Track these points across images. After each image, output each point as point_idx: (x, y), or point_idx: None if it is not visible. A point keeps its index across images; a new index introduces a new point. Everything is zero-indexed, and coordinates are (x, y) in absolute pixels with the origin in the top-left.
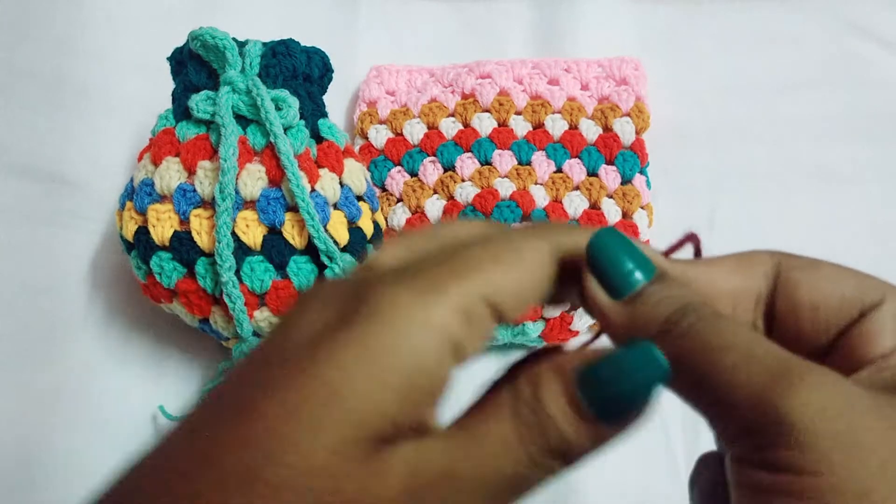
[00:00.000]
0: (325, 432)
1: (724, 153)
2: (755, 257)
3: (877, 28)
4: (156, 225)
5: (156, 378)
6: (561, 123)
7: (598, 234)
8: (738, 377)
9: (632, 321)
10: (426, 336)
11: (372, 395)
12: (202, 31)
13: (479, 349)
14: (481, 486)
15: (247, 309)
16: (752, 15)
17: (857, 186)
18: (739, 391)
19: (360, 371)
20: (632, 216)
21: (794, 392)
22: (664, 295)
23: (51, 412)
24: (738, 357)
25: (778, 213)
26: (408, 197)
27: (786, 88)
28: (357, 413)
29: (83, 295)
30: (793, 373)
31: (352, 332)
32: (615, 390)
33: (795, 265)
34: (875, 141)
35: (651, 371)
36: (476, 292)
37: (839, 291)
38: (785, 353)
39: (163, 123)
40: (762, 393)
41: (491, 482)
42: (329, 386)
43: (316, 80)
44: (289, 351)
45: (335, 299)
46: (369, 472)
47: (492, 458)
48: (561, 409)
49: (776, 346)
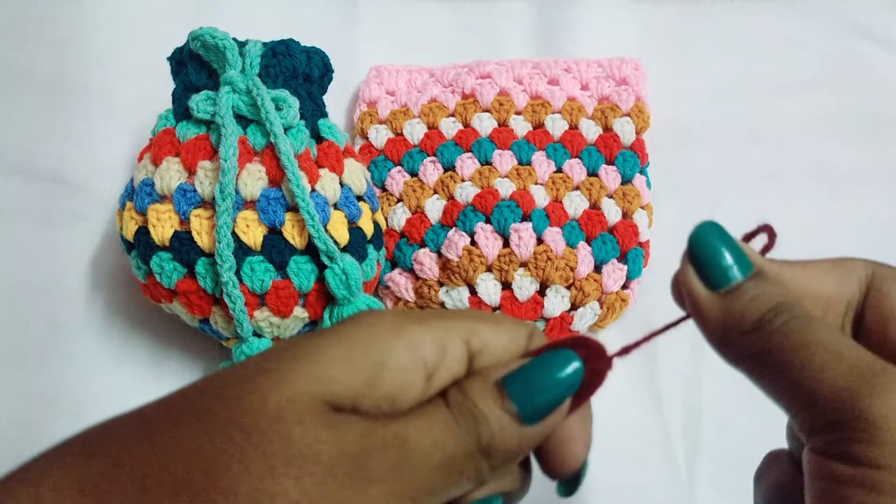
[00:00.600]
0: (287, 385)
1: (724, 153)
2: (850, 264)
3: (877, 28)
4: (156, 225)
5: (156, 378)
6: (561, 123)
7: (701, 226)
8: (826, 375)
9: (727, 314)
10: (399, 345)
11: (339, 366)
12: (202, 31)
13: (449, 378)
14: (426, 458)
15: (247, 309)
16: (752, 15)
17: (857, 186)
18: (826, 387)
19: (336, 348)
20: (632, 216)
21: (878, 393)
22: (760, 291)
23: (51, 412)
24: (827, 356)
25: (778, 213)
26: (408, 197)
27: (786, 88)
28: (320, 374)
29: (83, 295)
30: (878, 376)
31: (335, 329)
32: (534, 388)
33: (889, 276)
34: (875, 141)
35: (569, 376)
36: (455, 331)
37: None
38: (872, 357)
39: (163, 123)
40: (848, 391)
41: (435, 458)
42: (302, 350)
43: (316, 80)
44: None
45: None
46: (322, 423)
47: (438, 432)
48: (489, 404)
49: (864, 350)
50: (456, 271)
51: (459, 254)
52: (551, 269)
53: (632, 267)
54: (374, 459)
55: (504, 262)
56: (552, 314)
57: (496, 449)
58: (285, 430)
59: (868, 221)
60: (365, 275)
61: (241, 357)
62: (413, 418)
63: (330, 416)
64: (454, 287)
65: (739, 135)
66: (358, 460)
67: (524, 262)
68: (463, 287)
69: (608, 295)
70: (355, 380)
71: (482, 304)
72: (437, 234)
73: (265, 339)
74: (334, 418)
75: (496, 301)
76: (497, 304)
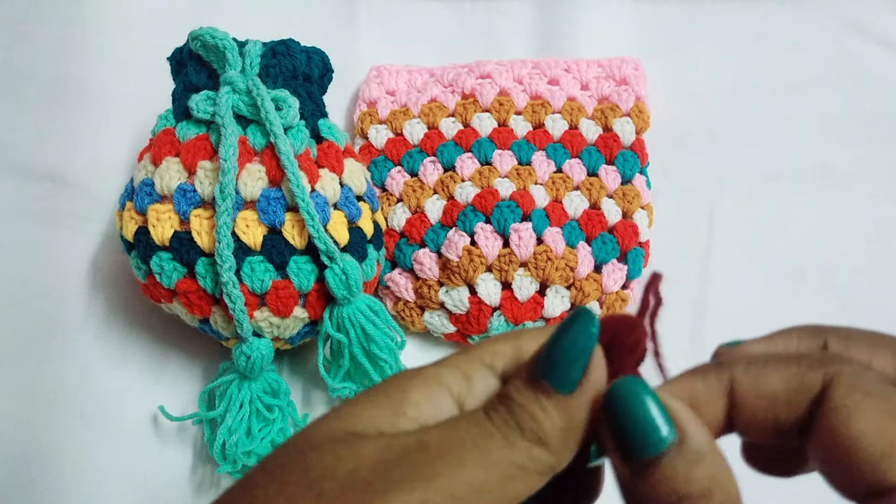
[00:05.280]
0: (311, 430)
1: (724, 153)
2: (809, 372)
3: (877, 28)
4: (156, 225)
5: (156, 378)
6: (561, 123)
7: (619, 385)
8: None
9: (650, 489)
10: (417, 380)
11: (361, 403)
12: (202, 31)
13: (480, 400)
14: (458, 458)
15: (247, 309)
16: (752, 15)
17: (856, 186)
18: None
19: (359, 396)
20: (632, 216)
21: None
22: (686, 470)
23: (51, 412)
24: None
25: (778, 213)
26: (408, 197)
27: (786, 88)
28: (343, 413)
29: (83, 295)
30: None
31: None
32: (558, 355)
33: (853, 385)
34: (875, 141)
35: (585, 337)
36: (474, 358)
37: (781, 386)
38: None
39: (163, 123)
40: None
41: (471, 456)
42: (332, 411)
43: (316, 80)
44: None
45: None
46: (341, 445)
47: (466, 430)
48: (521, 392)
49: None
50: (456, 271)
51: (459, 254)
52: (551, 269)
53: (632, 267)
54: (396, 465)
55: (504, 262)
56: (552, 314)
57: (546, 431)
58: (302, 459)
59: (868, 221)
60: (365, 275)
61: (240, 357)
62: (438, 424)
63: (350, 439)
64: (454, 287)
65: (739, 135)
66: (378, 469)
67: (524, 262)
68: (463, 287)
69: (608, 295)
70: (378, 413)
71: (482, 304)
72: (437, 234)
73: (265, 339)
74: (353, 439)
75: (496, 301)
76: (497, 304)
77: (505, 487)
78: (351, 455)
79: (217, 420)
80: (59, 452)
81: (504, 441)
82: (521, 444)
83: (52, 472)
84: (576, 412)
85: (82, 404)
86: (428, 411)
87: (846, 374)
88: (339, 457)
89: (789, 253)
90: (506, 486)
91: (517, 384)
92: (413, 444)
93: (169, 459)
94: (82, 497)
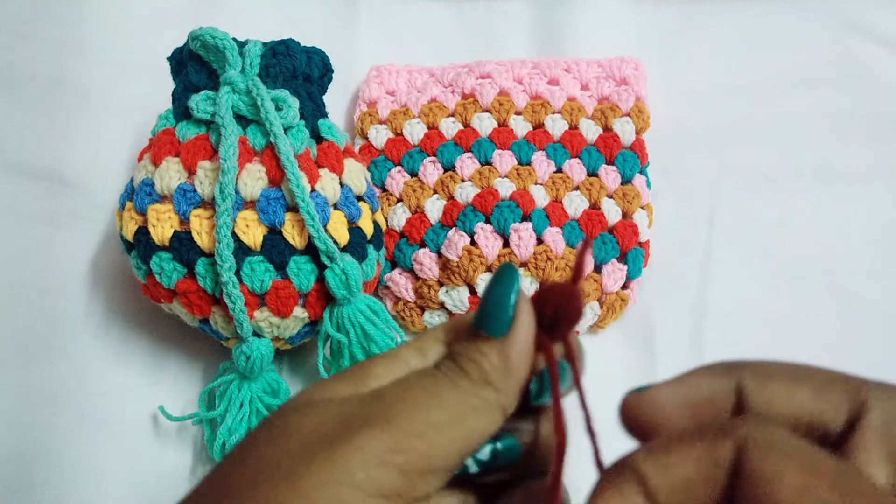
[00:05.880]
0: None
1: (724, 153)
2: (621, 485)
3: (877, 28)
4: (156, 225)
5: (156, 378)
6: (561, 123)
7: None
8: None
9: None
10: (383, 359)
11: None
12: (202, 31)
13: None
14: (413, 403)
15: (247, 309)
16: (752, 15)
17: (856, 186)
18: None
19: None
20: (632, 216)
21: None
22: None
23: (51, 412)
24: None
25: (778, 213)
26: (408, 197)
27: (786, 88)
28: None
29: (83, 295)
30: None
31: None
32: (488, 305)
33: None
34: (875, 141)
35: (508, 284)
36: (431, 336)
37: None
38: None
39: (163, 123)
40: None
41: (422, 397)
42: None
43: (316, 80)
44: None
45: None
46: (297, 412)
47: (417, 380)
48: (462, 343)
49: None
50: (456, 271)
51: (459, 254)
52: (551, 269)
53: (632, 267)
54: (356, 416)
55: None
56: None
57: (487, 371)
58: (268, 425)
59: (868, 221)
60: (365, 275)
61: (240, 357)
62: (392, 382)
63: (314, 403)
64: (454, 287)
65: (739, 135)
66: (339, 420)
67: (524, 262)
68: (463, 287)
69: (608, 295)
70: (342, 385)
71: None
72: (437, 234)
73: (265, 339)
74: (318, 403)
75: None
76: None
77: (460, 424)
78: (315, 413)
79: (217, 420)
80: (59, 452)
81: (452, 384)
82: (467, 385)
83: (52, 472)
84: (511, 351)
85: (82, 404)
86: (388, 382)
87: (757, 435)
88: (304, 415)
89: (789, 253)
90: (460, 424)
91: (459, 341)
92: (369, 398)
93: (169, 459)
94: (82, 497)
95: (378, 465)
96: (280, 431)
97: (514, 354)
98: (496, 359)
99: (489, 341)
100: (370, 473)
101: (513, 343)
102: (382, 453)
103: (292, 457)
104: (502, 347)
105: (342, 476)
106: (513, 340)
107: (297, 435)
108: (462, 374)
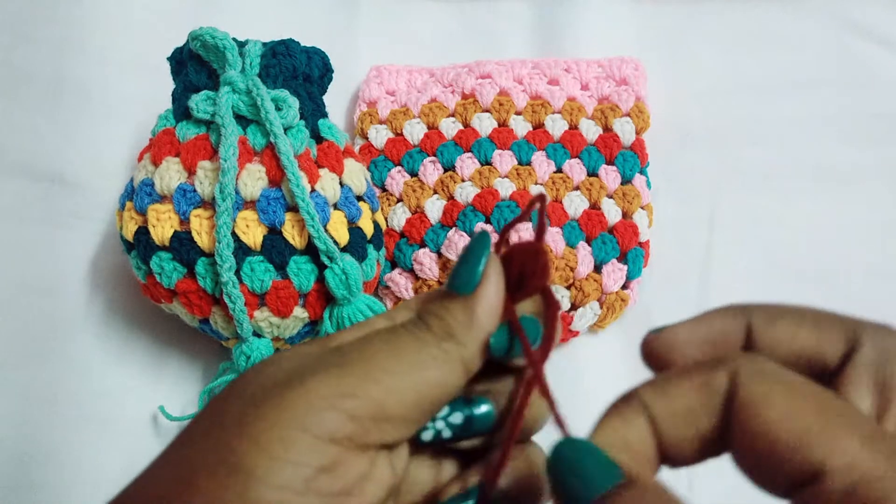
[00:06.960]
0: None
1: (724, 153)
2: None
3: (877, 28)
4: (156, 225)
5: (156, 378)
6: (561, 123)
7: (557, 448)
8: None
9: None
10: (353, 326)
11: (295, 348)
12: (202, 31)
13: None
14: (374, 354)
15: (247, 309)
16: (751, 15)
17: (856, 186)
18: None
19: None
20: (632, 216)
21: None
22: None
23: (51, 412)
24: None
25: (778, 213)
26: (408, 197)
27: (786, 88)
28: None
29: (83, 295)
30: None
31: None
32: (457, 265)
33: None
34: (875, 141)
35: (478, 246)
36: (405, 308)
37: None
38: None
39: (163, 123)
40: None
41: (383, 349)
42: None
43: (316, 80)
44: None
45: None
46: (264, 362)
47: (381, 335)
48: (432, 304)
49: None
50: None
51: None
52: (551, 269)
53: (632, 267)
54: (314, 365)
55: None
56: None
57: (451, 325)
58: (231, 385)
59: (868, 221)
60: (365, 275)
61: (240, 357)
62: (355, 339)
63: (272, 358)
64: None
65: (739, 135)
66: (296, 370)
67: None
68: None
69: (608, 295)
70: (308, 348)
71: None
72: (437, 234)
73: (265, 339)
74: (276, 357)
75: None
76: None
77: (417, 373)
78: (274, 364)
79: None
80: (59, 452)
81: (413, 337)
82: (428, 337)
83: (52, 472)
84: (477, 307)
85: (82, 404)
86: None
87: (748, 366)
88: (264, 365)
89: (789, 253)
90: (418, 372)
91: (427, 303)
92: (329, 352)
93: None
94: (82, 497)
95: (327, 409)
96: (240, 382)
97: (480, 310)
98: (461, 314)
99: (455, 298)
100: (319, 416)
101: (479, 299)
102: (332, 397)
103: (245, 402)
104: (467, 303)
105: (290, 419)
106: (479, 296)
107: (254, 384)
108: (425, 328)
